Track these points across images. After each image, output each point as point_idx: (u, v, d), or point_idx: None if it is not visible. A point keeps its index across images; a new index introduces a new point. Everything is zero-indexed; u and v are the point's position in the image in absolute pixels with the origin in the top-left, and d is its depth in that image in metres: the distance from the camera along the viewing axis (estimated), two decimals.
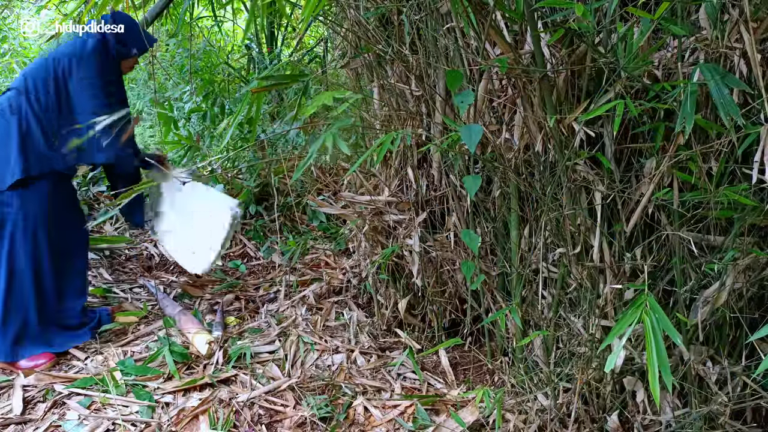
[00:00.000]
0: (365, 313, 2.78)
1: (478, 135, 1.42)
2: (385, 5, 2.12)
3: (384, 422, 2.02)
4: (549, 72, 1.63)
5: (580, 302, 1.81)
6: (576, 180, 1.69)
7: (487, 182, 2.15)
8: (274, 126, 3.88)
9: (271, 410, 2.06)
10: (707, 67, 1.31)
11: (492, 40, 1.79)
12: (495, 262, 2.20)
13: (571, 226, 1.75)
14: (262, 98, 1.81)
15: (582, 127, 1.55)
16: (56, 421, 1.97)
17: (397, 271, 2.50)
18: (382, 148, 1.58)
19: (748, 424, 1.74)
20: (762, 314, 1.68)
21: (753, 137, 1.38)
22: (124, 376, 2.21)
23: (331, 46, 4.10)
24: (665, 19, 1.41)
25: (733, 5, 1.41)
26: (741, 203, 1.46)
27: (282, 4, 1.78)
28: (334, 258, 3.31)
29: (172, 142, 3.51)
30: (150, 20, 3.01)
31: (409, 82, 2.18)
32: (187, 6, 3.62)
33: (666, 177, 1.59)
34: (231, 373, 2.25)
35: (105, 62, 2.34)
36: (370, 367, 2.35)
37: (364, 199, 2.41)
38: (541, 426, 1.89)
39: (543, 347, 1.96)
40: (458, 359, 2.45)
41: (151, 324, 2.62)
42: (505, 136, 1.85)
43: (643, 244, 1.72)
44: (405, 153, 2.31)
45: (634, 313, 1.22)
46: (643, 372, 1.73)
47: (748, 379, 1.62)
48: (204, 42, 4.70)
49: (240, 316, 2.75)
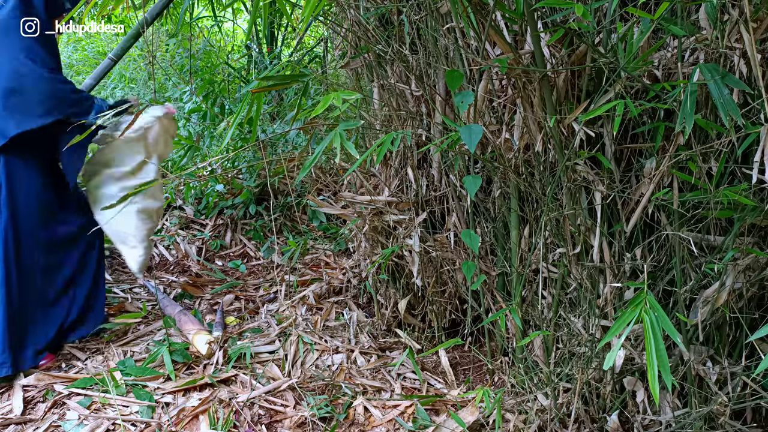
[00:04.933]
0: (365, 313, 2.78)
1: (478, 135, 1.42)
2: (385, 5, 2.12)
3: (384, 422, 2.02)
4: (549, 72, 1.63)
5: (580, 302, 1.82)
6: (576, 180, 1.69)
7: (487, 182, 2.15)
8: (274, 126, 3.88)
9: (271, 410, 2.06)
10: (707, 67, 1.31)
11: (492, 40, 1.79)
12: (495, 262, 2.21)
13: (571, 226, 1.75)
14: (262, 98, 1.81)
15: (582, 127, 1.55)
16: (56, 421, 1.97)
17: (397, 271, 2.50)
18: (382, 148, 1.58)
19: (748, 424, 1.74)
20: (762, 314, 1.68)
21: (753, 137, 1.39)
22: (124, 376, 2.21)
23: (331, 46, 4.10)
24: (665, 19, 1.41)
25: (733, 5, 1.41)
26: (741, 203, 1.46)
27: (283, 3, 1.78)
28: (334, 258, 3.31)
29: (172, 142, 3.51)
30: (150, 20, 3.01)
31: (409, 82, 2.18)
32: (187, 6, 3.62)
33: (666, 177, 1.59)
34: (231, 373, 2.25)
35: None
36: (370, 367, 2.35)
37: (364, 199, 2.41)
38: (541, 426, 1.89)
39: (543, 347, 1.96)
40: (458, 359, 2.45)
41: (151, 324, 2.62)
42: (505, 136, 1.85)
43: (643, 244, 1.72)
44: (405, 153, 2.31)
45: (633, 311, 1.22)
46: (643, 372, 1.73)
47: (748, 379, 1.62)
48: (204, 42, 4.70)
49: (240, 316, 2.75)
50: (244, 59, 4.83)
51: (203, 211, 3.74)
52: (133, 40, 3.06)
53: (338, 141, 1.46)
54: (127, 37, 3.05)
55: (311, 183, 3.67)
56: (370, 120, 2.48)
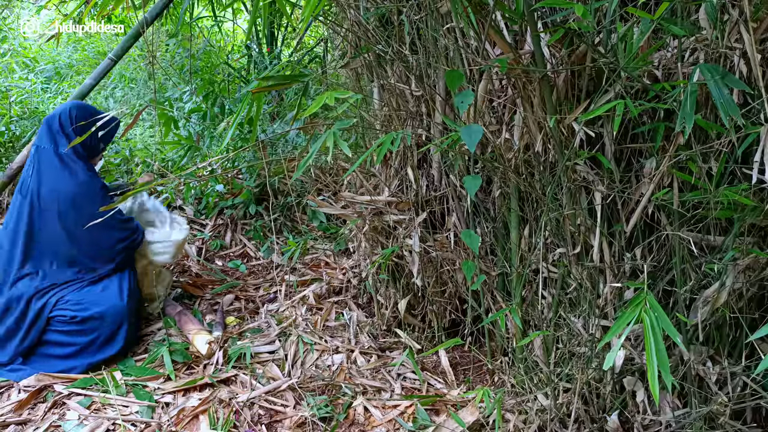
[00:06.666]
0: (365, 313, 2.78)
1: (478, 135, 1.42)
2: (385, 5, 2.12)
3: (384, 422, 2.02)
4: (549, 72, 1.63)
5: (580, 302, 1.81)
6: (576, 180, 1.69)
7: (487, 182, 2.15)
8: (274, 126, 3.87)
9: (271, 410, 2.06)
10: (707, 67, 1.31)
11: (492, 40, 1.79)
12: (495, 262, 2.20)
13: (571, 226, 1.75)
14: (262, 98, 1.81)
15: (582, 127, 1.55)
16: (56, 421, 1.97)
17: (397, 271, 2.49)
18: (382, 148, 1.58)
19: (748, 424, 1.74)
20: (762, 314, 1.68)
21: (753, 137, 1.39)
22: (124, 376, 2.21)
23: (331, 46, 4.10)
24: (665, 19, 1.41)
25: (733, 5, 1.41)
26: (741, 203, 1.46)
27: (283, 3, 1.78)
28: (334, 258, 3.31)
29: (172, 142, 3.51)
30: (150, 20, 3.01)
31: (409, 82, 2.18)
32: (187, 6, 3.62)
33: (666, 177, 1.59)
34: (231, 373, 2.25)
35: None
36: (370, 367, 2.35)
37: (364, 199, 2.41)
38: (541, 426, 1.89)
39: (543, 347, 1.96)
40: (458, 359, 2.45)
41: (151, 324, 2.63)
42: (505, 136, 1.85)
43: (643, 244, 1.72)
44: (405, 153, 2.31)
45: (633, 311, 1.22)
46: (643, 372, 1.73)
47: (748, 379, 1.62)
48: (204, 42, 4.69)
49: (240, 316, 2.75)
50: (244, 59, 4.83)
51: (203, 211, 3.74)
52: (133, 40, 3.06)
53: (332, 140, 1.46)
54: (127, 37, 3.05)
55: (311, 183, 3.67)
56: (370, 120, 2.48)
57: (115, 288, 2.37)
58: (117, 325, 2.31)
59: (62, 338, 2.27)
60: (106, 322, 2.29)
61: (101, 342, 2.29)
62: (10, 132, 3.85)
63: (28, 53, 5.37)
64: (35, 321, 2.24)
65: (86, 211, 2.29)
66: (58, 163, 2.35)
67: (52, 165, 2.35)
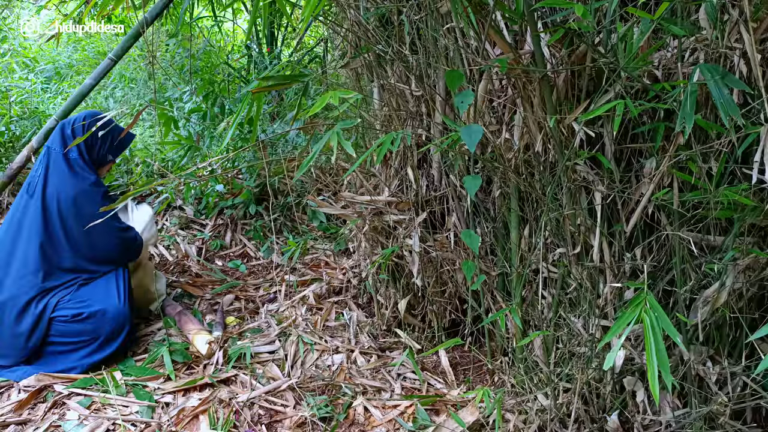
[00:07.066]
0: (365, 313, 2.78)
1: (478, 135, 1.42)
2: (385, 5, 2.12)
3: (384, 422, 2.02)
4: (549, 72, 1.63)
5: (580, 302, 1.81)
6: (576, 180, 1.69)
7: (487, 182, 2.15)
8: (274, 126, 3.87)
9: (271, 410, 2.06)
10: (707, 67, 1.31)
11: (492, 40, 1.79)
12: (495, 262, 2.20)
13: (571, 226, 1.75)
14: (262, 98, 1.81)
15: (582, 127, 1.55)
16: (56, 421, 1.97)
17: (397, 271, 2.49)
18: (382, 148, 1.58)
19: (748, 424, 1.74)
20: (762, 314, 1.68)
21: (753, 137, 1.39)
22: (124, 376, 2.21)
23: (331, 46, 4.10)
24: (665, 19, 1.41)
25: (733, 5, 1.41)
26: (741, 203, 1.46)
27: (283, 3, 1.77)
28: (334, 258, 3.31)
29: (172, 142, 3.51)
30: (150, 20, 3.01)
31: (409, 82, 2.18)
32: (187, 6, 3.62)
33: (666, 177, 1.59)
34: (231, 373, 2.25)
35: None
36: (370, 367, 2.35)
37: (364, 199, 2.41)
38: (541, 426, 1.89)
39: (543, 347, 1.96)
40: (458, 359, 2.45)
41: (151, 324, 2.63)
42: (505, 136, 1.85)
43: (643, 244, 1.72)
44: (405, 153, 2.31)
45: (633, 311, 1.22)
46: (643, 372, 1.73)
47: (748, 379, 1.62)
48: (204, 42, 4.69)
49: (240, 316, 2.75)
50: (244, 59, 4.83)
51: (203, 211, 3.74)
52: (133, 40, 3.06)
53: (335, 140, 1.46)
54: (127, 37, 3.05)
55: (311, 183, 3.67)
56: (370, 120, 2.48)
57: (113, 286, 2.38)
58: (118, 322, 2.32)
59: (63, 338, 2.27)
60: (107, 319, 2.29)
61: (102, 340, 2.29)
62: (10, 132, 3.85)
63: (28, 53, 5.37)
64: (36, 324, 2.24)
65: (86, 212, 2.30)
66: (66, 167, 2.38)
67: (60, 168, 2.37)
